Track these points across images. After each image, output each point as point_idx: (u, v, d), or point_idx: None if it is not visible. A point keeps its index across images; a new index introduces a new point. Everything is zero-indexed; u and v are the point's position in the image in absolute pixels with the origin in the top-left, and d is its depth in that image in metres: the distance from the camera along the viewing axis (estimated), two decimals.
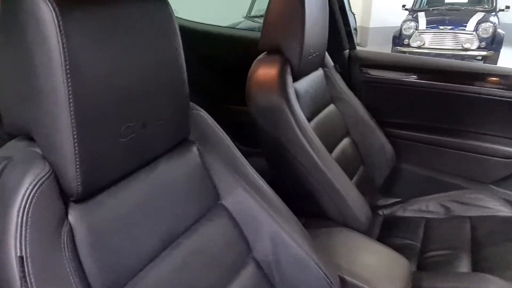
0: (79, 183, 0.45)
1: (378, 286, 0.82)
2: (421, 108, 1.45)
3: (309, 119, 1.11)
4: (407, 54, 5.49)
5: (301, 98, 1.09)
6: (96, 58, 0.43)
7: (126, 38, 0.47)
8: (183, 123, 0.62)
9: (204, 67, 1.52)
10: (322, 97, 1.24)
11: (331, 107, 1.29)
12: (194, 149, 0.68)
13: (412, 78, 1.44)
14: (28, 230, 0.40)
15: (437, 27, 5.98)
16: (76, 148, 0.43)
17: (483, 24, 5.69)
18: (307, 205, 0.98)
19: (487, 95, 1.32)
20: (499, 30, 5.78)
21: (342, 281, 0.80)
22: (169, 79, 0.56)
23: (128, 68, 0.48)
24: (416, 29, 6.11)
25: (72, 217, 0.46)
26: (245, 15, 4.05)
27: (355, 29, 6.73)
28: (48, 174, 0.43)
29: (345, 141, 1.29)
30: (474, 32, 5.66)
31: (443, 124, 1.42)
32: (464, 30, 5.76)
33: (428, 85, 1.41)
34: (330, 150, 1.15)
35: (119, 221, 0.51)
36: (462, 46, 5.62)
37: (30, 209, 0.41)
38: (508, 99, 1.29)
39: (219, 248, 0.67)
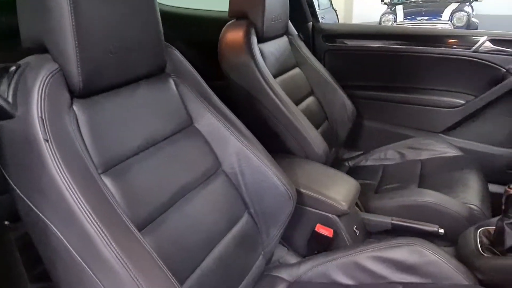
0: (80, 80, 0.61)
1: (329, 196, 0.99)
2: (378, 70, 1.63)
3: (275, 76, 1.28)
4: (363, 24, 5.71)
5: (266, 57, 1.27)
6: None
7: None
8: (159, 53, 0.79)
9: (186, 48, 1.69)
10: (287, 60, 1.42)
11: (296, 69, 1.47)
12: (170, 80, 0.85)
13: (369, 44, 1.63)
14: (46, 103, 0.56)
15: (414, 19, 6.25)
16: (78, 53, 0.60)
17: (457, 14, 5.96)
18: (274, 143, 1.14)
19: (433, 54, 1.51)
20: (473, 19, 6.07)
21: (298, 193, 0.97)
22: (146, 18, 0.73)
23: (116, 1, 0.65)
24: (395, 22, 6.37)
25: (75, 107, 0.63)
26: None
27: None
28: (57, 70, 0.60)
29: (310, 99, 1.46)
30: (449, 22, 5.93)
31: (396, 83, 1.61)
32: (440, 20, 6.02)
33: (383, 49, 1.60)
34: (296, 104, 1.33)
35: (112, 118, 0.68)
36: None
37: (47, 89, 0.57)
38: (451, 56, 1.49)
39: (193, 158, 0.83)
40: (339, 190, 1.01)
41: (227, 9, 1.29)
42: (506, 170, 1.43)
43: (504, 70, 1.40)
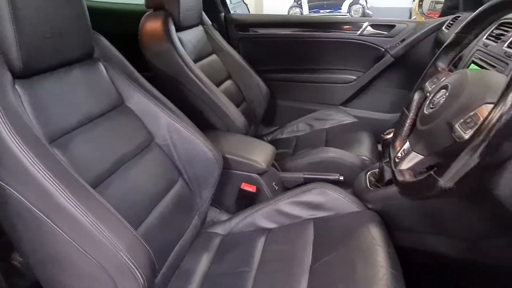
0: (20, 63, 0.69)
1: (250, 158, 1.17)
2: (285, 55, 1.86)
3: (194, 62, 1.41)
4: (271, 14, 6.15)
5: (184, 44, 1.39)
6: None
7: None
8: (87, 39, 0.87)
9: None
10: (204, 47, 1.55)
11: (213, 56, 1.61)
12: (100, 64, 0.93)
13: (277, 32, 1.84)
14: None
15: (318, 11, 6.79)
16: (17, 39, 0.67)
17: (354, 6, 6.64)
18: (199, 121, 1.27)
19: (329, 38, 1.78)
20: (367, 11, 6.80)
21: (224, 158, 1.12)
22: (74, 8, 0.81)
23: None
24: (301, 14, 6.85)
25: (18, 87, 0.70)
26: None
27: None
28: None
29: (228, 82, 1.62)
30: (348, 14, 6.57)
31: (301, 65, 1.85)
32: (340, 12, 6.65)
33: (289, 36, 1.83)
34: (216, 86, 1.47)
35: (52, 96, 0.76)
36: None
37: None
38: (342, 39, 1.76)
39: (128, 132, 0.93)
40: (258, 153, 1.19)
41: (141, 2, 1.38)
42: None
43: (383, 49, 1.71)
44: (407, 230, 1.01)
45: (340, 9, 6.65)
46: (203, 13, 1.60)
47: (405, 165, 0.70)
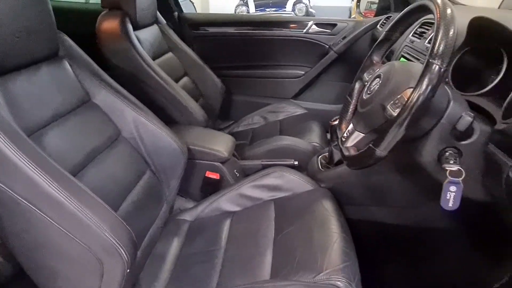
0: None
1: (212, 148, 1.25)
2: (238, 52, 1.96)
3: (153, 59, 1.46)
4: (224, 13, 6.30)
5: (142, 43, 1.44)
6: None
7: None
8: (52, 38, 0.90)
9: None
10: (160, 46, 1.61)
11: (169, 54, 1.67)
12: (65, 62, 0.97)
13: (229, 30, 1.93)
14: None
15: (264, 10, 6.97)
16: None
17: (297, 5, 6.91)
18: (161, 116, 1.32)
19: (278, 36, 1.91)
20: (310, 10, 7.10)
21: (188, 149, 1.20)
22: (40, 8, 0.85)
23: None
24: (248, 13, 6.99)
25: None
26: None
27: None
28: None
29: (185, 79, 1.69)
30: (292, 12, 6.82)
31: (254, 61, 1.97)
32: (285, 10, 6.87)
33: (240, 34, 1.93)
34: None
35: (23, 93, 0.79)
36: None
37: None
38: (290, 37, 1.90)
39: (96, 127, 0.98)
40: (220, 143, 1.28)
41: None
42: None
43: (327, 46, 1.88)
44: (355, 204, 1.16)
45: (285, 7, 6.89)
46: (158, 13, 1.65)
47: (350, 143, 0.83)
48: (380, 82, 0.77)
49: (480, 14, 0.83)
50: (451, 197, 0.69)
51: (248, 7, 7.03)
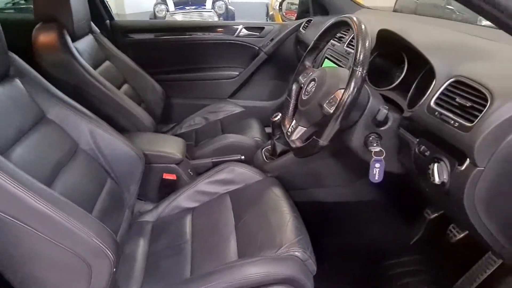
0: None
1: (167, 151, 1.34)
2: (173, 57, 2.03)
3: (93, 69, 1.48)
4: (155, 20, 6.22)
5: (81, 54, 1.45)
6: None
7: None
8: (4, 58, 0.92)
9: None
10: (97, 55, 1.62)
11: (107, 63, 1.69)
12: (17, 81, 0.98)
13: (162, 36, 1.99)
14: None
15: (183, 8, 6.91)
16: None
17: (217, 3, 6.98)
18: (112, 124, 1.35)
19: (211, 40, 2.02)
20: (230, 7, 7.24)
21: (144, 155, 1.26)
22: None
23: None
24: (168, 11, 6.89)
25: None
26: None
27: None
28: None
29: (125, 86, 1.72)
30: (213, 10, 6.89)
31: (190, 65, 2.06)
32: (204, 8, 6.90)
33: (173, 40, 2.00)
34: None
35: None
36: None
37: None
38: (223, 41, 2.03)
39: (55, 141, 1.01)
40: (172, 146, 1.37)
41: None
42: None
43: (257, 48, 2.04)
44: (298, 188, 1.34)
45: (205, 5, 6.91)
46: (91, 22, 1.65)
47: (294, 136, 0.99)
48: (316, 85, 0.94)
49: (384, 26, 1.04)
50: (376, 172, 0.89)
51: (167, 5, 6.92)
